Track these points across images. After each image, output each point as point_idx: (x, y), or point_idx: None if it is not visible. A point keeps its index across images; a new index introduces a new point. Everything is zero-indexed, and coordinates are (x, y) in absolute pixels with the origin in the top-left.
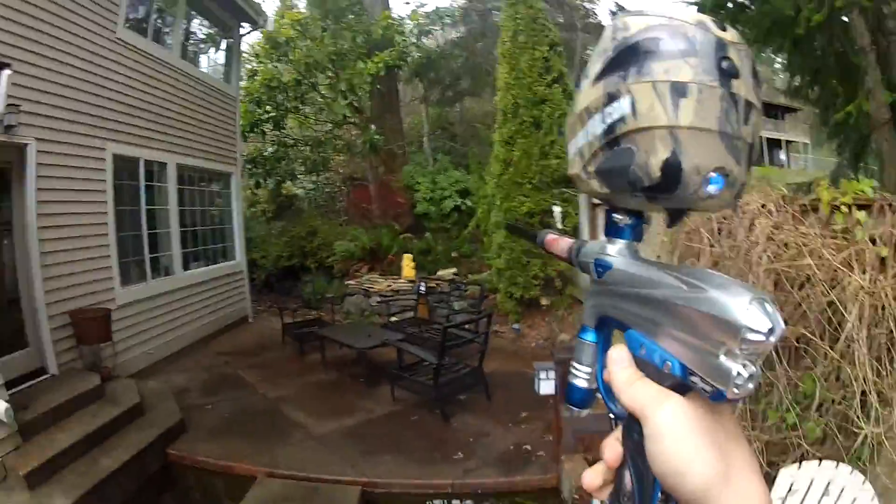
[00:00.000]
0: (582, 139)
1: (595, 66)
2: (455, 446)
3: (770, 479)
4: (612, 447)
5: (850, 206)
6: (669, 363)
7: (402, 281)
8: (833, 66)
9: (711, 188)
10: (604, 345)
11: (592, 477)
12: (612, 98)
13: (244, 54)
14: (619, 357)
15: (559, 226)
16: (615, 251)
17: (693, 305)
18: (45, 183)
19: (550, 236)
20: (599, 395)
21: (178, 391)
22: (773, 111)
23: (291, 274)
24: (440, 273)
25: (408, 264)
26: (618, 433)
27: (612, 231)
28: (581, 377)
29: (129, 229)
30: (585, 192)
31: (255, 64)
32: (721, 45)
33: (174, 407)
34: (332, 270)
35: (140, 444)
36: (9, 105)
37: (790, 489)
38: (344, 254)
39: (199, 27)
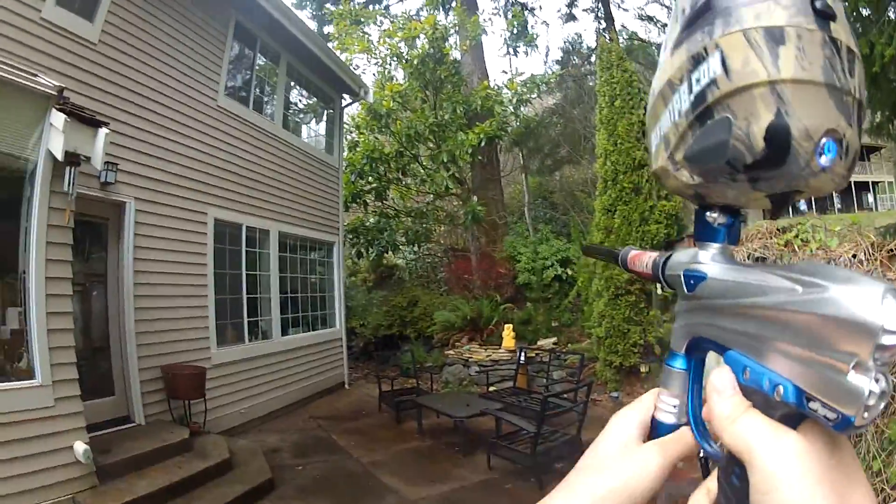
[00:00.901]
0: (666, 122)
1: (672, 33)
2: None
3: None
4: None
5: None
6: (781, 388)
7: (501, 351)
8: None
9: (825, 159)
10: (695, 373)
11: None
12: (697, 60)
13: (345, 125)
14: (721, 384)
15: (660, 291)
16: (708, 258)
17: (812, 310)
18: (143, 241)
19: (633, 252)
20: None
21: (269, 451)
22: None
23: (390, 343)
24: (540, 343)
25: (508, 334)
26: (710, 482)
27: (704, 234)
28: (667, 411)
29: (229, 292)
30: (673, 190)
31: (356, 135)
32: None
33: (264, 465)
34: (432, 340)
35: (225, 498)
36: (107, 163)
37: None
38: (444, 323)
39: (300, 97)
